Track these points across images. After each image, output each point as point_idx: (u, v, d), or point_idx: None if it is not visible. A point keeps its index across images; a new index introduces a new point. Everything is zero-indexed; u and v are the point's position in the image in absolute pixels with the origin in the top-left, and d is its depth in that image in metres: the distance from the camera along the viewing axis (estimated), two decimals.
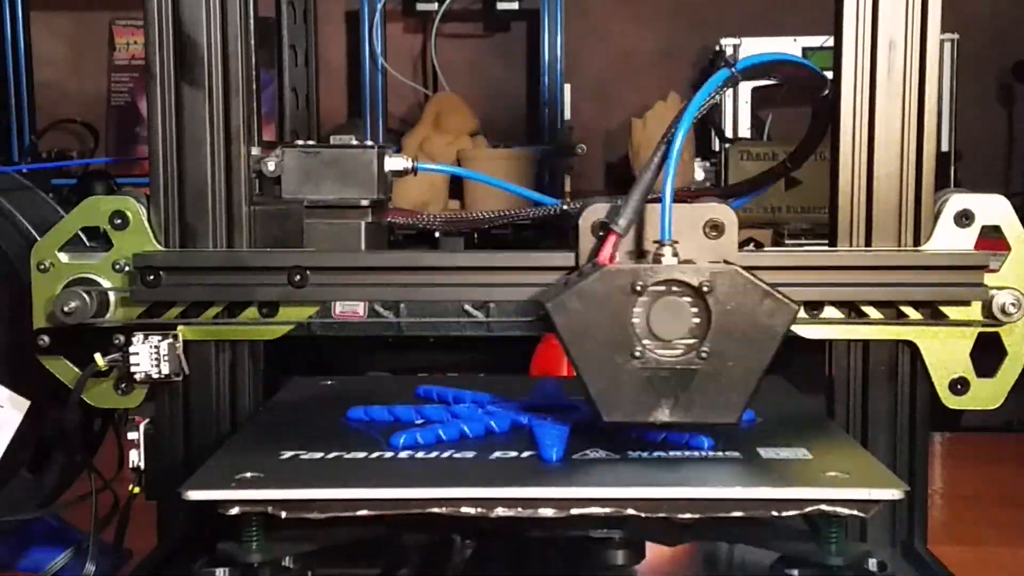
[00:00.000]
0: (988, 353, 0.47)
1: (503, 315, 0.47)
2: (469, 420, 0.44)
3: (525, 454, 0.41)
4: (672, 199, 0.41)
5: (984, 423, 1.05)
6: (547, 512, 0.37)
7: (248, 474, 0.38)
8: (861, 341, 0.48)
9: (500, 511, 0.37)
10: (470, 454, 0.41)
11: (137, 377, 0.47)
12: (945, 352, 0.47)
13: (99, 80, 1.45)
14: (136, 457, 0.48)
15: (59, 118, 1.44)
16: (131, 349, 0.47)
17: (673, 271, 0.40)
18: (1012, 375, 0.47)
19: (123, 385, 0.48)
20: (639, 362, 0.40)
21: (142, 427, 0.48)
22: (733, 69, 0.44)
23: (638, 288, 0.40)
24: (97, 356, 0.47)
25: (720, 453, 0.41)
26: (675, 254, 0.41)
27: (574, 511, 0.37)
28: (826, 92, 0.49)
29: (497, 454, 0.41)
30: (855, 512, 0.37)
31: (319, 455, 0.41)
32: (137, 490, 0.48)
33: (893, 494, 0.37)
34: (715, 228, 0.43)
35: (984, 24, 1.43)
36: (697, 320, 0.40)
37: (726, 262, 0.42)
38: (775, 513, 0.37)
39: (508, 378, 0.68)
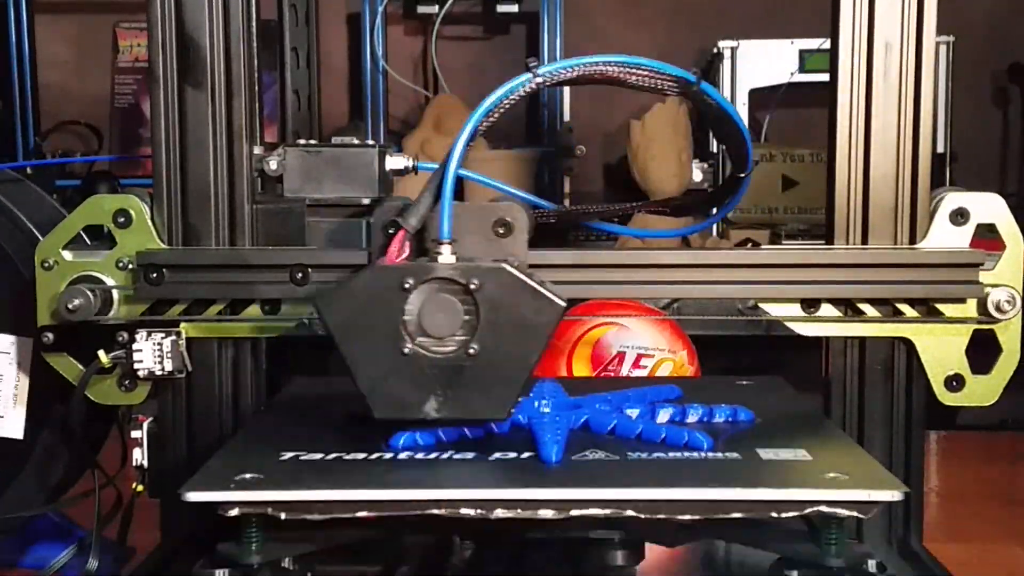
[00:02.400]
0: (981, 352, 0.48)
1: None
2: None
3: (525, 455, 0.41)
4: (452, 197, 0.41)
5: (979, 422, 1.06)
6: (547, 513, 0.37)
7: (248, 475, 0.38)
8: (858, 339, 0.48)
9: (500, 512, 0.37)
10: (470, 455, 0.41)
11: (140, 374, 0.47)
12: (941, 349, 0.48)
13: (103, 82, 1.46)
14: (140, 455, 0.48)
15: (63, 120, 1.45)
16: (134, 346, 0.47)
17: (442, 269, 0.40)
18: (1007, 372, 0.48)
19: (127, 382, 0.49)
20: (408, 359, 0.40)
21: (145, 425, 0.49)
22: (534, 72, 0.43)
23: (407, 285, 0.40)
24: (101, 353, 0.47)
25: (719, 454, 0.41)
26: (453, 252, 0.41)
27: (573, 512, 0.37)
28: (695, 84, 0.46)
29: (497, 455, 0.41)
30: (854, 513, 0.37)
31: (319, 456, 0.41)
32: (141, 488, 0.49)
33: (892, 495, 0.37)
34: (503, 227, 0.43)
35: (979, 27, 1.44)
36: (467, 317, 0.40)
37: (505, 260, 0.41)
38: (774, 514, 0.37)
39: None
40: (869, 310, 0.48)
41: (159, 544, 0.49)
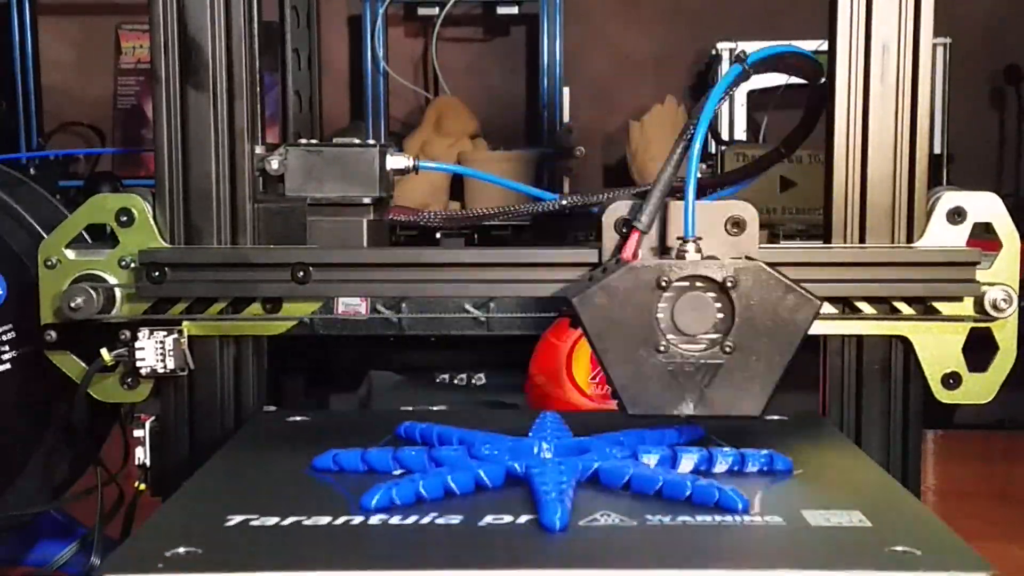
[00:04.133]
0: (977, 350, 0.48)
1: (503, 314, 0.47)
2: (455, 470, 0.38)
3: (522, 519, 0.34)
4: (695, 196, 0.42)
5: (977, 421, 1.06)
6: None
7: (182, 549, 0.32)
8: (855, 337, 0.49)
9: None
10: (456, 519, 0.34)
11: (143, 372, 0.48)
12: (938, 347, 0.48)
13: (105, 84, 1.46)
14: (142, 454, 0.49)
15: (66, 121, 1.46)
16: (137, 344, 0.47)
17: (697, 267, 0.41)
18: (1004, 370, 0.48)
19: (129, 380, 0.49)
20: (663, 356, 0.40)
21: (148, 424, 0.49)
22: (745, 64, 0.45)
23: (663, 284, 0.40)
24: (103, 351, 0.48)
25: (758, 518, 0.35)
26: (699, 250, 0.42)
27: None
28: (822, 80, 0.49)
29: (488, 519, 0.34)
30: None
31: (273, 521, 0.34)
32: (143, 487, 0.49)
33: None
34: (736, 224, 0.44)
35: (976, 28, 1.44)
36: (721, 315, 0.40)
37: (748, 258, 0.43)
38: None
39: (501, 413, 0.62)
40: (866, 308, 0.48)
41: None
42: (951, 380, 0.48)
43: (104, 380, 0.49)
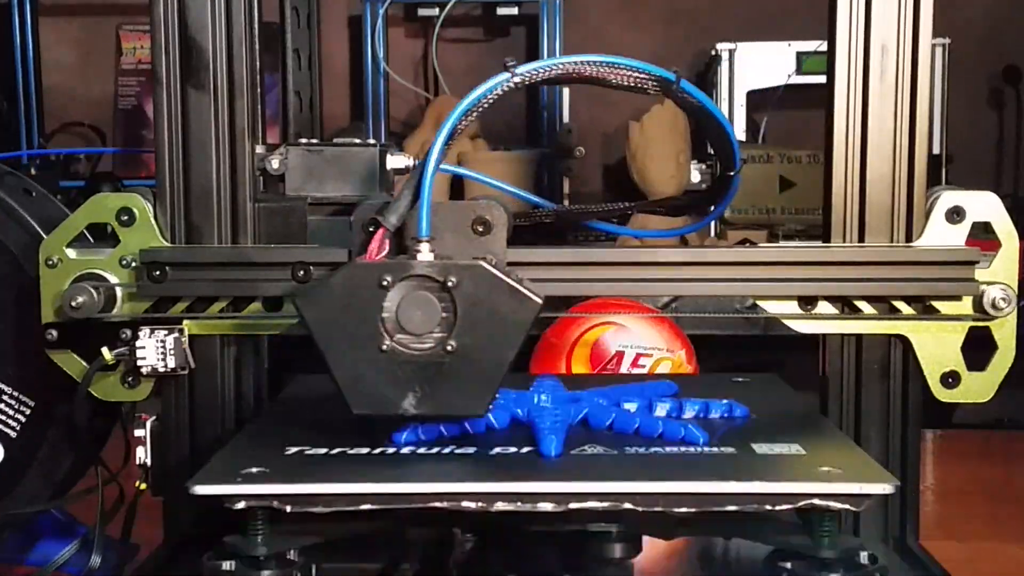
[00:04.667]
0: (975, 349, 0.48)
1: None
2: None
3: (524, 450, 0.42)
4: (430, 196, 0.41)
5: (975, 420, 1.06)
6: (546, 506, 0.37)
7: (253, 469, 0.39)
8: (854, 336, 0.49)
9: (500, 505, 0.37)
10: (471, 450, 0.42)
11: (144, 371, 0.48)
12: (937, 346, 0.48)
13: (106, 84, 1.47)
14: (143, 454, 0.49)
15: (67, 121, 1.46)
16: (138, 343, 0.47)
17: (420, 267, 0.40)
18: (1002, 369, 0.48)
19: (130, 379, 0.49)
20: (386, 356, 0.40)
21: (148, 424, 0.49)
22: (512, 71, 0.43)
23: (385, 283, 0.40)
24: (104, 350, 0.48)
25: (715, 449, 0.42)
26: (432, 250, 0.41)
27: (572, 505, 0.37)
28: (674, 83, 0.47)
29: (497, 449, 0.42)
30: (847, 506, 0.37)
31: (323, 451, 0.41)
32: (144, 486, 0.49)
33: (884, 488, 0.37)
34: (482, 224, 0.43)
35: (975, 29, 1.45)
36: (445, 314, 0.40)
37: (484, 258, 0.42)
38: (769, 507, 0.38)
39: (508, 375, 0.67)
40: (866, 307, 0.48)
41: (163, 541, 0.49)
42: (950, 379, 0.48)
43: (105, 379, 0.49)
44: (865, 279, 0.47)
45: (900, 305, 0.48)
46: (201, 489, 0.38)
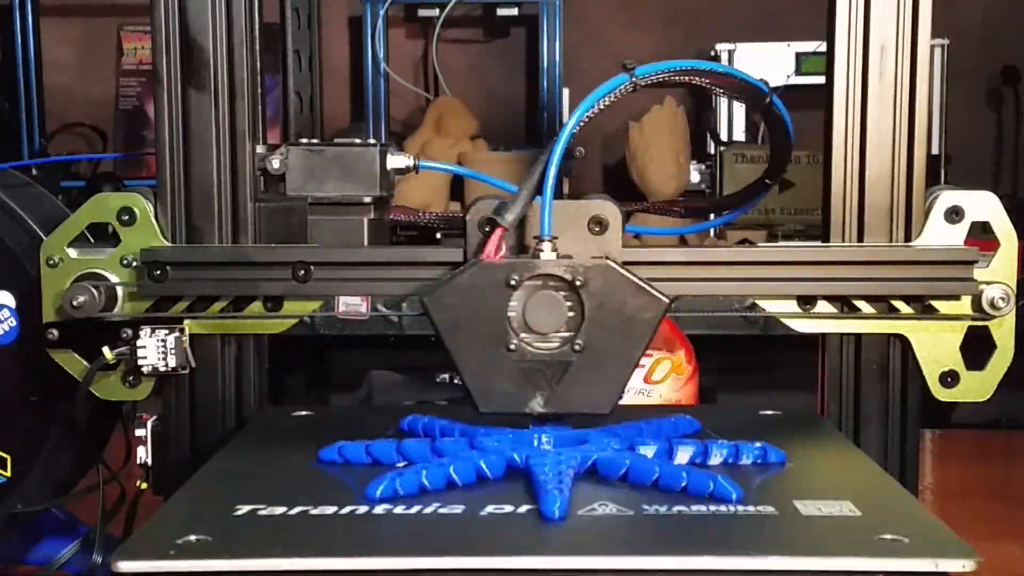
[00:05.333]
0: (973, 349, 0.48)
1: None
2: (456, 460, 0.39)
3: (522, 508, 0.36)
4: (552, 195, 0.41)
5: (974, 420, 1.06)
6: None
7: (193, 537, 0.33)
8: (853, 335, 0.49)
9: None
10: (458, 508, 0.36)
11: (144, 370, 0.48)
12: (936, 346, 0.48)
13: (107, 85, 1.47)
14: (144, 453, 0.49)
15: (68, 122, 1.46)
16: (138, 343, 0.48)
17: (547, 266, 0.41)
18: (1001, 368, 0.48)
19: (131, 378, 0.49)
20: (514, 355, 0.40)
21: (149, 424, 0.49)
22: (632, 74, 0.44)
23: (512, 282, 0.40)
24: (105, 349, 0.48)
25: (751, 508, 0.36)
26: (554, 249, 0.41)
27: None
28: (768, 99, 0.49)
29: (490, 508, 0.36)
30: None
31: (280, 510, 0.35)
32: (145, 486, 0.49)
33: (964, 566, 0.31)
34: (598, 224, 0.43)
35: (974, 30, 1.45)
36: (572, 314, 0.40)
37: (606, 257, 0.42)
38: None
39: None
40: (865, 307, 0.48)
41: None
42: (949, 378, 0.48)
43: (106, 378, 0.49)
44: (864, 279, 0.47)
45: (899, 304, 0.48)
46: (126, 566, 0.31)
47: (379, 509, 0.36)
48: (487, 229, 0.42)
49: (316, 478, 0.40)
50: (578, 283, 0.40)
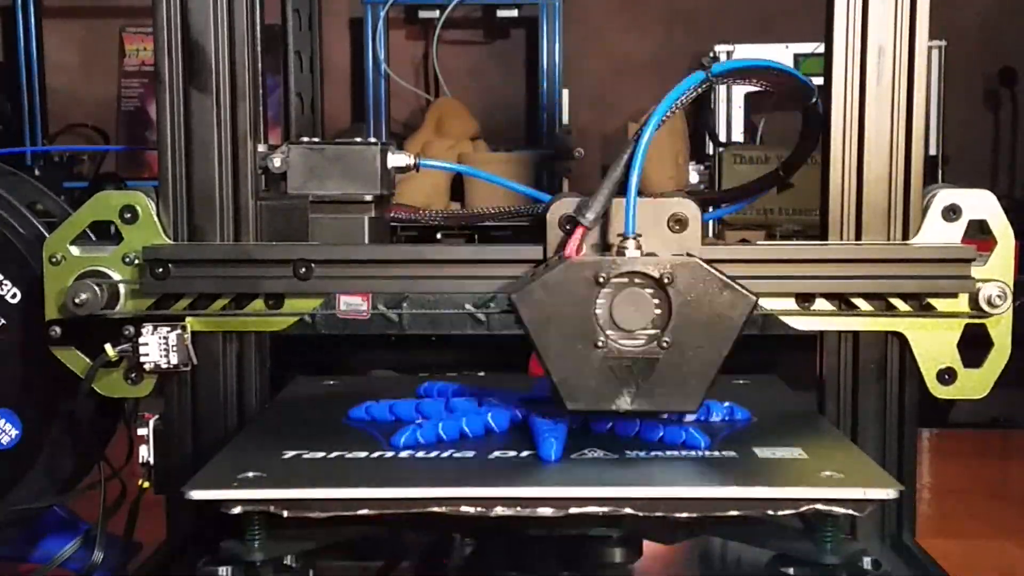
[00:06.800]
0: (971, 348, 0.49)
1: (504, 313, 0.47)
2: (467, 414, 0.44)
3: (524, 453, 0.41)
4: (636, 194, 0.42)
5: (971, 419, 1.06)
6: (546, 511, 0.37)
7: (250, 473, 0.38)
8: (851, 335, 0.49)
9: (499, 510, 0.37)
10: (470, 453, 0.41)
11: (146, 367, 0.48)
12: (933, 343, 0.48)
13: (110, 86, 1.47)
14: (145, 452, 0.49)
15: (71, 122, 1.46)
16: (141, 340, 0.48)
17: (635, 263, 0.41)
18: (998, 365, 0.48)
19: (133, 375, 0.49)
20: (601, 351, 0.41)
21: (151, 423, 0.49)
22: (708, 72, 0.45)
23: (601, 280, 0.41)
24: (107, 347, 0.48)
25: (716, 452, 0.41)
26: (639, 247, 0.42)
27: (572, 510, 0.37)
28: (814, 100, 0.50)
29: (496, 453, 0.41)
30: (850, 511, 0.37)
31: (321, 454, 0.41)
32: (147, 484, 0.49)
33: (888, 493, 0.37)
34: (678, 222, 0.44)
35: (971, 31, 1.45)
36: (659, 311, 0.41)
37: (688, 255, 0.43)
38: (771, 512, 0.37)
39: (507, 376, 0.68)
40: (863, 305, 0.49)
41: (165, 540, 0.50)
42: (946, 375, 0.49)
43: (108, 375, 0.49)
44: (862, 276, 0.48)
45: (897, 302, 0.48)
46: (198, 494, 0.37)
47: (403, 454, 0.41)
48: (568, 227, 0.43)
49: (348, 431, 0.45)
50: (665, 280, 0.41)
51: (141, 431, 0.49)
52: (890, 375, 0.49)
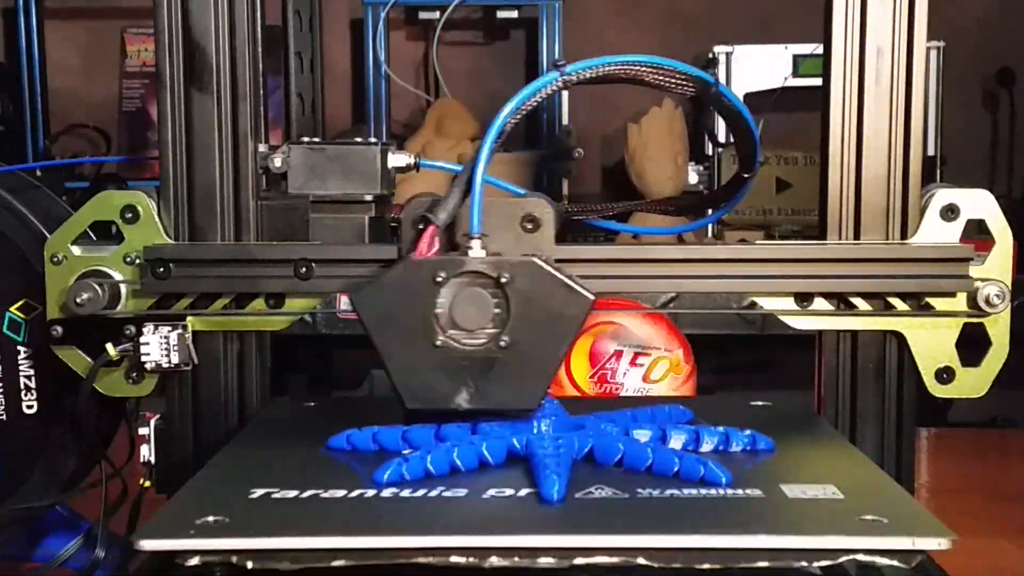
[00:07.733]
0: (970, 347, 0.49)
1: None
2: (459, 446, 0.40)
3: (522, 492, 0.37)
4: (481, 193, 0.42)
5: (970, 419, 1.07)
6: (547, 562, 0.33)
7: (211, 518, 0.34)
8: (850, 334, 0.49)
9: (494, 561, 0.33)
10: (461, 492, 0.37)
11: (148, 366, 0.48)
12: (931, 342, 0.48)
13: (111, 86, 1.48)
14: (147, 452, 0.49)
15: (72, 123, 1.47)
16: (142, 339, 0.48)
17: (474, 263, 0.41)
18: (996, 365, 0.49)
19: (134, 374, 0.49)
20: (440, 351, 0.40)
21: (152, 422, 0.50)
22: (562, 71, 0.44)
23: (439, 279, 0.40)
24: (109, 346, 0.48)
25: (740, 491, 0.37)
26: (483, 247, 0.41)
27: (578, 561, 0.33)
28: (713, 86, 0.48)
29: (491, 492, 0.37)
30: (896, 563, 0.32)
31: (293, 493, 0.37)
32: (148, 484, 0.49)
33: (940, 543, 0.32)
34: (531, 222, 0.44)
35: (970, 32, 1.46)
36: (498, 310, 0.40)
37: (534, 255, 0.42)
38: (805, 564, 0.33)
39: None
40: (861, 304, 0.49)
41: None
42: (944, 375, 0.49)
43: (109, 375, 0.49)
44: (861, 276, 0.48)
45: (895, 302, 0.49)
46: (149, 544, 0.33)
47: (386, 492, 0.37)
48: (420, 227, 0.42)
49: (326, 464, 0.41)
50: (504, 280, 0.40)
51: (142, 430, 0.50)
52: (888, 374, 0.49)
